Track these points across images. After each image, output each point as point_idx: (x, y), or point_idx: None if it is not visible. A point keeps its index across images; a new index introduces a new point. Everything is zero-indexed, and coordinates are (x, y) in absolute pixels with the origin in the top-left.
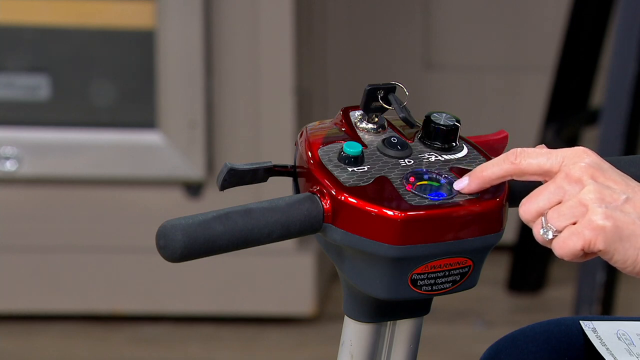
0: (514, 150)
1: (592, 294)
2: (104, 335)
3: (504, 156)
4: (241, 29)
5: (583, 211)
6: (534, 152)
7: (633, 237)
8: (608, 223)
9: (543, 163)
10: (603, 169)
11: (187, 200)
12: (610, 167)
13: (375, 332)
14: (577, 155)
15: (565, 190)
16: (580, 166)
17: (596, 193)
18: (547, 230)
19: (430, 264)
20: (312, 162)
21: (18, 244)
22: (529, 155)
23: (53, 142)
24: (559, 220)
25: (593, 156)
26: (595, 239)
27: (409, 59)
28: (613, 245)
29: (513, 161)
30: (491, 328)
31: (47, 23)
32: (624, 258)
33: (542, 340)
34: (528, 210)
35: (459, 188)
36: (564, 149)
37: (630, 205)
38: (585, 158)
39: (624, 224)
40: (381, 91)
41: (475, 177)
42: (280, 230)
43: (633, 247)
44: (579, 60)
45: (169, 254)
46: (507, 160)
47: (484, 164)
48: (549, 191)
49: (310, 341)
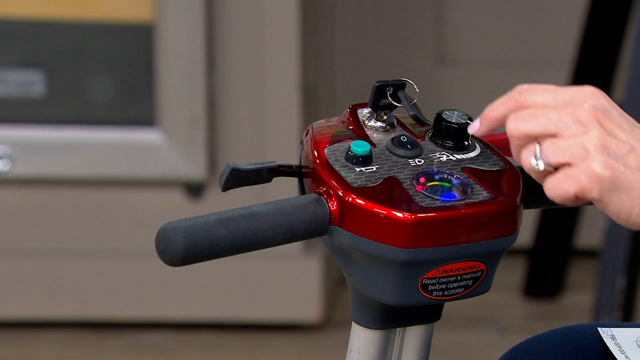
0: (520, 87)
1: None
2: (101, 343)
3: (509, 94)
4: (244, 22)
5: (583, 155)
6: (541, 89)
7: (630, 189)
8: (607, 172)
9: (549, 101)
10: (611, 114)
11: (188, 201)
12: (619, 112)
13: (384, 339)
14: (586, 94)
15: (567, 126)
16: (588, 107)
17: (600, 139)
18: (539, 161)
19: (442, 268)
20: (319, 161)
21: (11, 247)
22: (534, 92)
23: (48, 141)
24: (555, 155)
25: (602, 98)
26: (590, 186)
27: (420, 54)
28: (608, 195)
29: (517, 98)
30: (506, 335)
31: (42, 16)
32: (618, 209)
33: (558, 347)
34: (517, 128)
35: (471, 131)
36: (573, 87)
37: (634, 157)
38: (594, 99)
39: (623, 174)
40: (390, 88)
41: (484, 119)
42: (285, 233)
43: (629, 199)
44: (598, 56)
45: (169, 257)
46: (512, 98)
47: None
48: (548, 119)
49: (317, 349)
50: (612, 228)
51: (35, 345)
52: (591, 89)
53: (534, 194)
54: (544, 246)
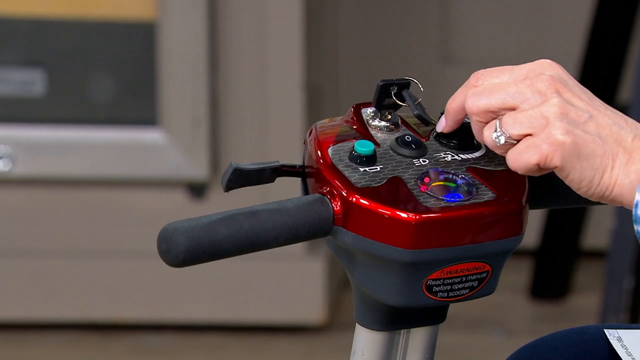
0: (476, 72)
1: (619, 302)
2: (103, 345)
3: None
4: (248, 20)
5: (543, 124)
6: (496, 71)
7: (592, 157)
8: (568, 139)
9: (506, 80)
10: (568, 85)
11: (190, 202)
12: (576, 83)
13: (389, 341)
14: (542, 66)
15: (526, 97)
16: (545, 78)
17: (560, 107)
18: (500, 135)
19: (446, 269)
20: (322, 161)
21: (12, 248)
22: (490, 76)
23: (48, 141)
24: (514, 127)
25: (559, 69)
26: (552, 154)
27: (425, 53)
28: (570, 162)
29: (475, 84)
30: (512, 337)
31: (43, 14)
32: (580, 177)
33: (564, 349)
34: (476, 104)
35: (439, 129)
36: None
37: (593, 124)
38: (551, 70)
39: (585, 141)
40: (395, 87)
41: (447, 113)
42: (288, 234)
43: (590, 167)
44: (604, 55)
45: (171, 258)
46: (469, 85)
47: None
48: (506, 92)
49: (320, 351)
50: (619, 229)
51: (37, 347)
52: (547, 61)
53: (539, 194)
54: (551, 247)
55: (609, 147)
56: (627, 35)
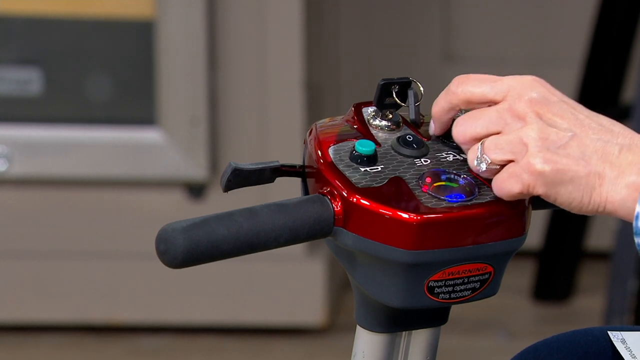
0: (457, 77)
1: (624, 304)
2: (101, 347)
3: (448, 87)
4: (247, 18)
5: (522, 150)
6: (478, 79)
7: (576, 179)
8: (547, 167)
9: (487, 92)
10: (550, 103)
11: (189, 202)
12: (561, 99)
13: (390, 343)
14: (524, 85)
15: (507, 122)
16: (525, 100)
17: (539, 132)
18: (481, 162)
19: (448, 270)
20: (322, 161)
21: (8, 249)
22: (471, 83)
23: (45, 140)
24: (495, 153)
25: (541, 87)
26: (534, 183)
27: (427, 51)
28: (554, 188)
29: (454, 90)
30: (515, 339)
31: (39, 12)
32: (568, 200)
33: (567, 351)
34: (463, 133)
35: (431, 133)
36: (512, 77)
37: (576, 143)
38: (532, 91)
39: (566, 166)
40: (396, 86)
41: (434, 118)
42: (288, 234)
43: (577, 190)
44: (609, 53)
45: (169, 259)
46: (450, 91)
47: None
48: (489, 118)
49: (321, 353)
50: (623, 230)
51: (33, 350)
52: (529, 78)
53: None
54: (554, 248)
55: (593, 167)
56: (631, 34)
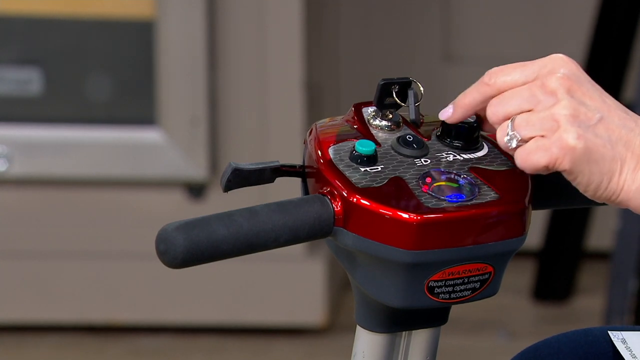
0: (489, 71)
1: (624, 303)
2: (100, 347)
3: (480, 80)
4: (247, 18)
5: (554, 126)
6: (508, 68)
7: (601, 161)
8: (580, 144)
9: (518, 78)
10: (580, 82)
11: (189, 202)
12: (588, 80)
13: (390, 343)
14: (556, 62)
15: (539, 100)
16: (557, 77)
17: (570, 109)
18: (512, 139)
19: (448, 270)
20: (322, 161)
21: (8, 249)
22: (503, 73)
23: (45, 140)
24: (526, 129)
25: (572, 65)
26: (562, 157)
27: (427, 51)
28: (579, 166)
29: (487, 82)
30: (515, 340)
31: (39, 12)
32: (588, 181)
33: (567, 351)
34: (496, 113)
35: (443, 117)
36: (542, 58)
37: (603, 127)
38: (562, 67)
39: (595, 146)
40: (396, 86)
41: (458, 105)
42: (288, 234)
43: (599, 172)
44: (609, 54)
45: (169, 259)
46: (482, 83)
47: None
48: (521, 97)
49: (321, 353)
50: (623, 230)
51: (34, 350)
52: (560, 56)
53: (542, 195)
54: (554, 248)
55: (618, 151)
56: (631, 34)
